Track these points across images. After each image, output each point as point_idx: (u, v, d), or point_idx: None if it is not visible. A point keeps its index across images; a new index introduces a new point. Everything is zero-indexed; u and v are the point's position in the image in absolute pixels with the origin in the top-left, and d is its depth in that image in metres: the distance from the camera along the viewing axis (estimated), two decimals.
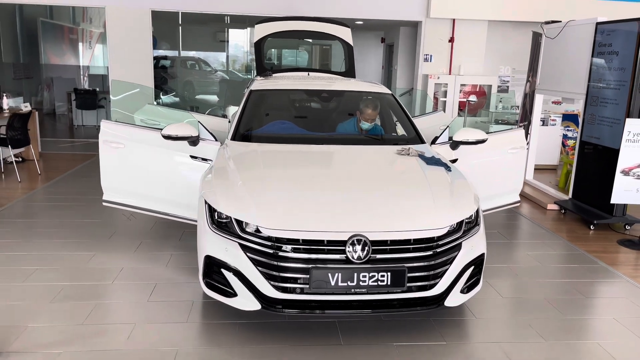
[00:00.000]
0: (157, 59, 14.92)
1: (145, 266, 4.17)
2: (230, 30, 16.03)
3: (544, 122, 8.87)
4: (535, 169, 7.90)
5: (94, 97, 11.79)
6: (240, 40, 16.22)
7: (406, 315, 3.45)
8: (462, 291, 3.27)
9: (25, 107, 7.61)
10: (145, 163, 4.30)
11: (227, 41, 16.49)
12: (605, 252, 4.93)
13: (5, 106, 7.56)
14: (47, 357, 2.88)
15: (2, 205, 5.70)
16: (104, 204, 4.46)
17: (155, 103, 8.63)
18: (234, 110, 6.64)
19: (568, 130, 8.50)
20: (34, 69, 14.12)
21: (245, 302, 3.07)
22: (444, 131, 4.52)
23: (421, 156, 3.90)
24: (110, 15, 9.48)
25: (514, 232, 5.46)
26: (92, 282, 3.83)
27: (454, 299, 3.22)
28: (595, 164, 5.81)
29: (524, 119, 7.76)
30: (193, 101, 15.20)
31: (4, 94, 7.68)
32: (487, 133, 4.59)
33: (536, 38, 7.54)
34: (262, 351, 3.02)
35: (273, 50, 15.68)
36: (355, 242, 2.94)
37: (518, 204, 4.99)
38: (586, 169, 5.99)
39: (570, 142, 8.33)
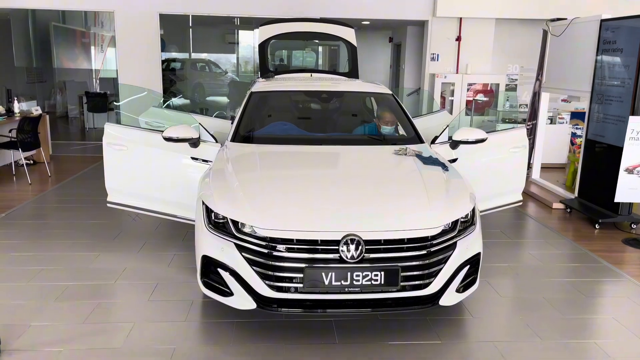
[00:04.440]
0: (167, 62, 15.09)
1: (147, 266, 4.23)
2: (240, 32, 16.14)
3: (552, 121, 8.81)
4: (543, 167, 7.84)
5: (104, 100, 11.95)
6: (249, 42, 16.33)
7: (402, 314, 3.47)
8: (457, 290, 3.27)
9: (36, 111, 7.75)
10: (147, 165, 4.37)
11: (237, 43, 16.59)
12: (610, 251, 4.89)
13: (16, 110, 7.71)
14: (48, 355, 2.95)
15: (12, 207, 5.82)
16: (109, 205, 4.54)
17: (163, 106, 8.73)
18: None
19: (577, 128, 8.41)
20: (47, 73, 14.36)
21: (241, 301, 3.11)
22: (443, 131, 4.52)
23: (418, 156, 3.91)
24: (119, 18, 9.60)
25: (517, 232, 5.44)
26: (95, 282, 3.90)
27: (449, 298, 3.23)
28: (600, 162, 5.77)
29: (533, 117, 7.72)
30: (203, 103, 15.34)
31: (15, 98, 7.84)
32: (487, 132, 4.59)
33: (545, 36, 7.49)
34: (257, 349, 3.06)
35: (284, 51, 15.76)
36: (349, 241, 2.97)
37: (520, 203, 4.97)
38: (592, 167, 5.94)
39: (578, 141, 8.23)
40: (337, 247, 2.97)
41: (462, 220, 3.29)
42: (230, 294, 3.14)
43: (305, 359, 2.99)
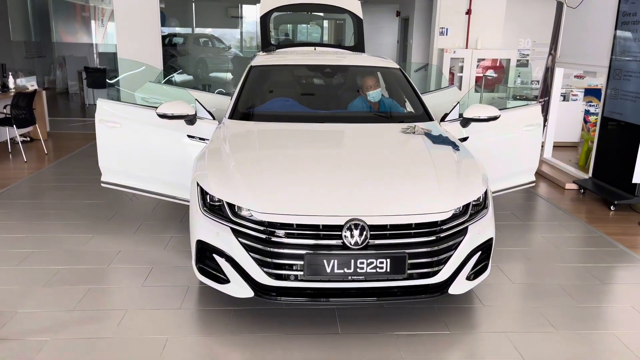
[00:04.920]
0: (169, 36, 14.75)
1: (143, 249, 4.06)
2: (243, 6, 15.74)
3: (565, 98, 8.51)
4: (554, 146, 7.60)
5: (104, 75, 11.69)
6: (253, 17, 15.94)
7: (409, 303, 3.29)
8: (467, 278, 3.08)
9: (32, 86, 7.53)
10: (141, 143, 4.16)
11: (241, 17, 16.20)
12: (626, 234, 4.68)
13: (11, 85, 7.48)
14: (33, 345, 2.79)
15: (6, 186, 5.65)
16: (103, 185, 4.35)
17: (163, 81, 8.47)
18: None
19: (590, 105, 8.12)
20: (46, 47, 14.06)
21: (238, 289, 2.93)
22: (454, 108, 4.28)
23: (427, 134, 3.68)
24: None
25: (529, 213, 5.22)
26: (88, 266, 3.73)
27: (459, 287, 3.03)
28: (617, 141, 5.51)
29: (545, 94, 7.43)
30: (206, 79, 15.04)
31: (10, 73, 7.60)
32: (500, 109, 4.36)
33: (559, 8, 7.16)
34: (254, 340, 2.89)
35: (289, 25, 15.36)
36: (353, 226, 2.77)
37: (533, 184, 4.74)
38: (607, 146, 5.68)
39: (592, 118, 7.97)
40: (340, 233, 2.77)
41: (474, 203, 3.08)
42: (227, 281, 2.96)
43: (305, 350, 2.82)
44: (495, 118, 4.05)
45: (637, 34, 5.22)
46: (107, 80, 11.29)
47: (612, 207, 5.31)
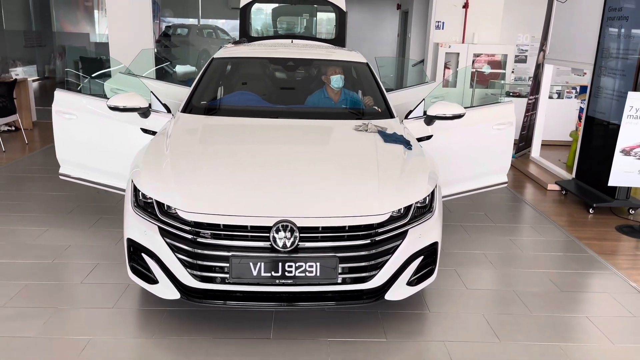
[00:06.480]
0: (172, 27, 14.66)
1: (94, 244, 3.98)
2: None
3: (560, 95, 8.27)
4: (549, 145, 7.41)
5: (100, 65, 11.64)
6: (256, 6, 15.75)
7: (351, 308, 3.16)
8: (410, 283, 2.95)
9: (16, 75, 7.49)
10: (96, 135, 4.09)
11: None
12: (600, 239, 4.49)
13: None
14: None
15: None
16: (61, 177, 4.31)
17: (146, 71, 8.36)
18: None
19: (585, 103, 7.87)
20: (47, 36, 14.08)
21: (165, 290, 2.83)
22: (418, 105, 4.13)
23: (381, 132, 3.53)
24: None
25: (503, 215, 5.04)
26: (32, 260, 3.66)
27: (398, 292, 2.90)
28: (599, 141, 5.30)
29: (536, 91, 7.20)
30: None
31: None
32: (471, 107, 4.23)
33: (550, 3, 6.92)
34: (179, 343, 2.79)
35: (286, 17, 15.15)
36: (281, 228, 2.65)
37: (505, 185, 4.56)
38: (591, 146, 5.48)
39: None
40: (268, 235, 2.66)
41: (417, 205, 2.94)
42: (156, 281, 2.87)
43: (230, 355, 2.71)
44: (460, 116, 3.89)
45: (621, 29, 5.00)
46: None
47: (590, 210, 5.11)
